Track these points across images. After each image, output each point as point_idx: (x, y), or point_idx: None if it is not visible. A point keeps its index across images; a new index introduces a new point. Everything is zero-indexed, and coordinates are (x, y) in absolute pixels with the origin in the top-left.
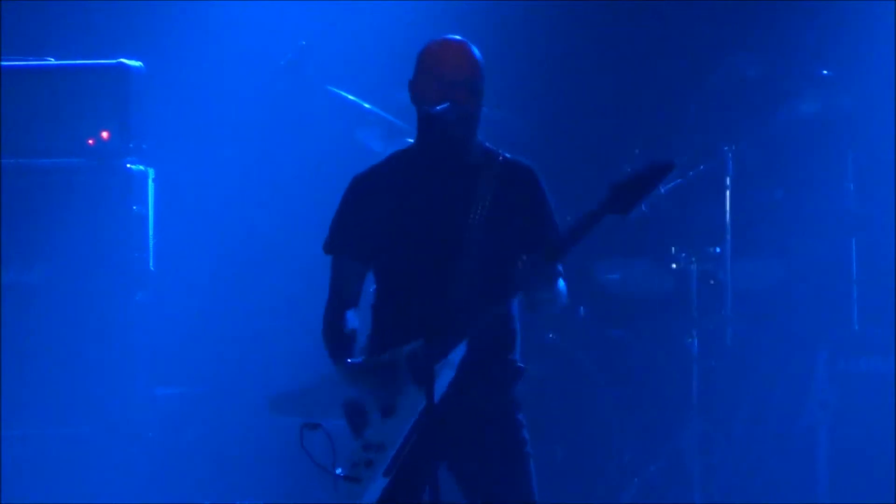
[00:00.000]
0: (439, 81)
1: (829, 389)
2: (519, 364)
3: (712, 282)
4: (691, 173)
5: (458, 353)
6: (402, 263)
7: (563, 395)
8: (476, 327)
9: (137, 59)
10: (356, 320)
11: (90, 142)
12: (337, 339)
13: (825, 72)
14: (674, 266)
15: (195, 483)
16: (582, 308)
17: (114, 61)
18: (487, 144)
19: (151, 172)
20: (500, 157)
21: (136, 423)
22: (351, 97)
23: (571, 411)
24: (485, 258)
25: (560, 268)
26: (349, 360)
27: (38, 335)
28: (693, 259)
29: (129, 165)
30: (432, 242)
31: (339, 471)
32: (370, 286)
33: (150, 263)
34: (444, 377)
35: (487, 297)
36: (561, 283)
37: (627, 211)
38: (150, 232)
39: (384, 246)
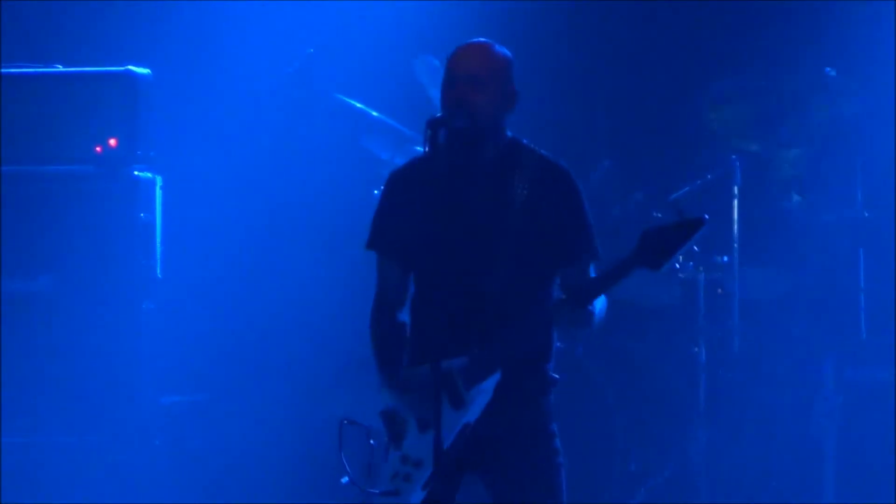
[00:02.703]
0: (447, 82)
1: (836, 398)
2: (552, 374)
3: (720, 291)
4: (699, 182)
5: (493, 380)
6: (438, 266)
7: (571, 404)
8: (513, 356)
9: (145, 67)
10: (404, 324)
11: (98, 149)
12: (380, 346)
13: (832, 76)
14: (681, 275)
15: (201, 491)
16: None
17: (122, 68)
18: (525, 141)
19: (159, 180)
20: (536, 156)
21: (142, 431)
22: (358, 105)
23: (578, 420)
24: (521, 259)
25: (596, 304)
26: (394, 373)
27: (45, 343)
28: (700, 268)
29: (136, 173)
30: (467, 245)
31: (377, 488)
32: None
33: (158, 271)
34: (480, 402)
35: (524, 298)
36: (602, 302)
37: (658, 266)
38: (158, 239)
39: (421, 248)
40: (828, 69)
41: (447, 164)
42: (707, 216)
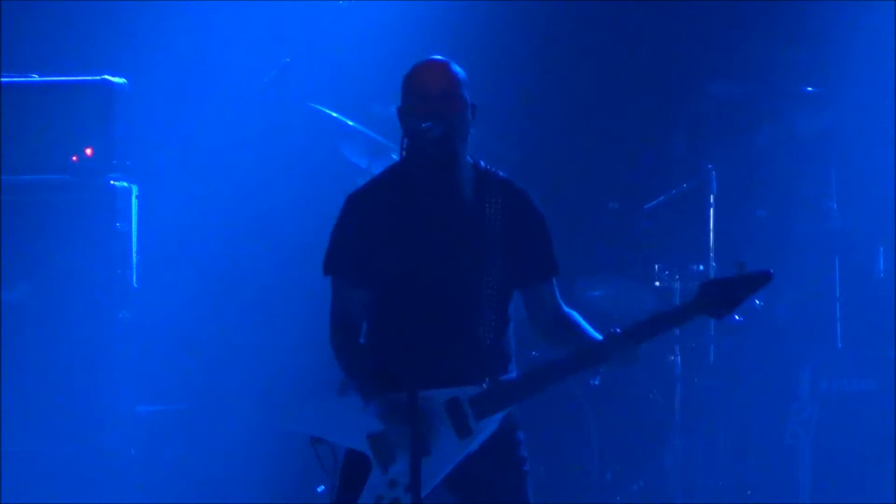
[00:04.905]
0: (419, 97)
1: (812, 408)
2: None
3: None
4: (675, 191)
5: (503, 413)
6: (412, 291)
7: (545, 413)
8: (528, 393)
9: (121, 76)
10: (366, 347)
11: (74, 158)
12: (365, 371)
13: (808, 89)
14: (657, 284)
15: (177, 500)
16: None
17: (97, 78)
18: (482, 163)
19: (135, 189)
20: (499, 179)
21: (118, 441)
22: (334, 114)
23: (554, 429)
24: (498, 283)
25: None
26: (385, 396)
27: (20, 352)
28: (676, 277)
29: (112, 182)
30: (446, 269)
31: None
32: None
33: (133, 280)
34: (486, 433)
35: (498, 320)
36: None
37: (721, 317)
38: (133, 249)
39: (391, 272)
40: (808, 88)
41: (418, 182)
42: (772, 271)
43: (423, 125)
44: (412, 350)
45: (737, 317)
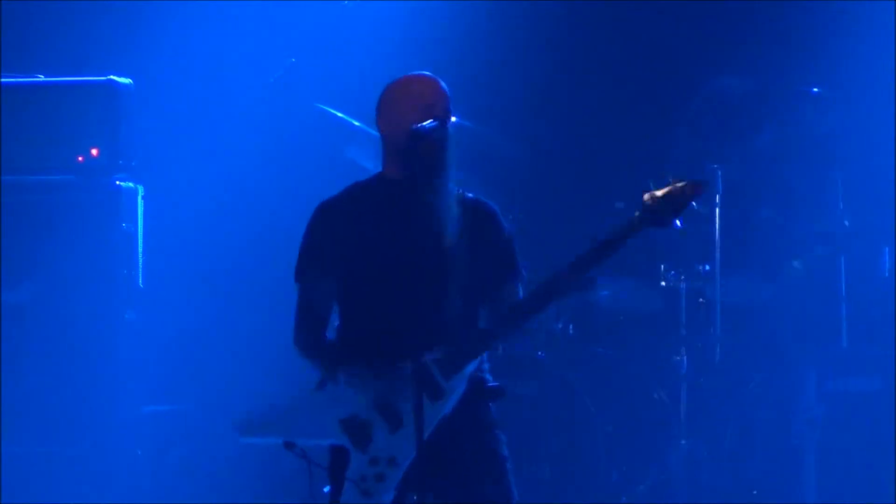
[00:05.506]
0: (422, 101)
1: (817, 407)
2: (490, 383)
3: (701, 300)
4: None
5: (471, 367)
6: (384, 291)
7: (551, 413)
8: (494, 341)
9: (127, 76)
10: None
11: (80, 159)
12: (331, 351)
13: (814, 89)
14: (662, 284)
15: (182, 500)
16: (571, 326)
17: (103, 78)
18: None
19: (141, 189)
20: (467, 196)
21: (124, 441)
22: (341, 115)
23: (559, 429)
24: (463, 291)
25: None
26: (353, 370)
27: (26, 353)
28: (682, 277)
29: (118, 182)
30: (415, 273)
31: (345, 498)
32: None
33: (139, 281)
34: (457, 392)
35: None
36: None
37: (667, 224)
38: (140, 249)
39: (363, 272)
40: (813, 89)
41: (402, 184)
42: (706, 180)
43: (429, 123)
44: (378, 340)
45: (678, 223)
